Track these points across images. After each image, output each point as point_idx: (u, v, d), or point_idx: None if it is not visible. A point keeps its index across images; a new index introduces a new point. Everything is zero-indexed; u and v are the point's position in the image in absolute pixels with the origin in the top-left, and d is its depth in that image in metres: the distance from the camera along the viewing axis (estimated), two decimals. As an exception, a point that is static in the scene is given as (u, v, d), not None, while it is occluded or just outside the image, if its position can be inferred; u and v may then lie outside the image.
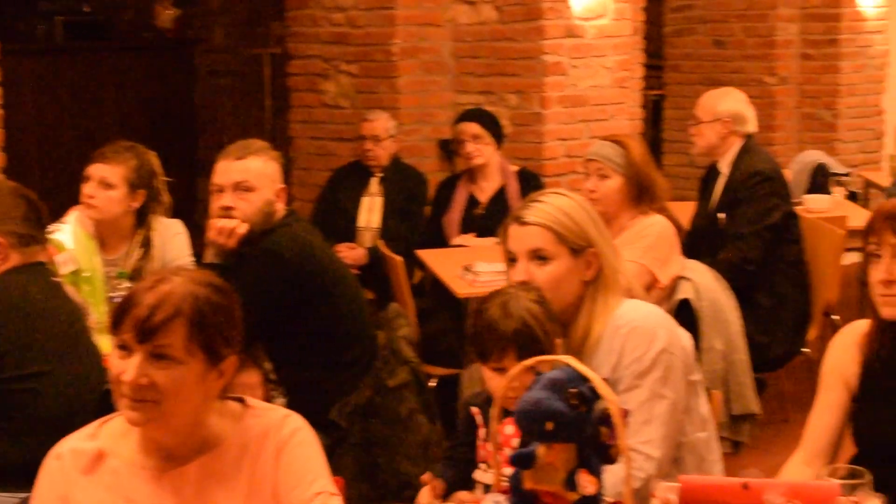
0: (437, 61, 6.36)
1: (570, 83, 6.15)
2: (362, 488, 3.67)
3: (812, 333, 5.17)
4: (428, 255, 5.19)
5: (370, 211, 5.85)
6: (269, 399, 3.17)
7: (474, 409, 2.63)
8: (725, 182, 5.11)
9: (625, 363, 2.69)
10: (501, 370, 2.46)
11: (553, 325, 2.58)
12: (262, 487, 2.09)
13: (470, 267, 4.64)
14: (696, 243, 5.09)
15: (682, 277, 4.21)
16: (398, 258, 4.94)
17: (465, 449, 2.65)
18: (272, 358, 3.54)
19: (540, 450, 2.00)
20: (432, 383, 4.40)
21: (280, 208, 3.72)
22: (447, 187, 5.71)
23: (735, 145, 5.12)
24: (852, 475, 2.15)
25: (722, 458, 2.94)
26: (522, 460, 2.01)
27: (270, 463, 2.11)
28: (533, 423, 1.98)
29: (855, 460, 2.70)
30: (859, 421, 2.79)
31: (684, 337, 2.87)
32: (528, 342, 2.48)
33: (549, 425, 1.96)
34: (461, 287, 4.62)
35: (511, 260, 2.84)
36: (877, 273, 2.64)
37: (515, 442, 2.10)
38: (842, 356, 2.83)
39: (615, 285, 2.81)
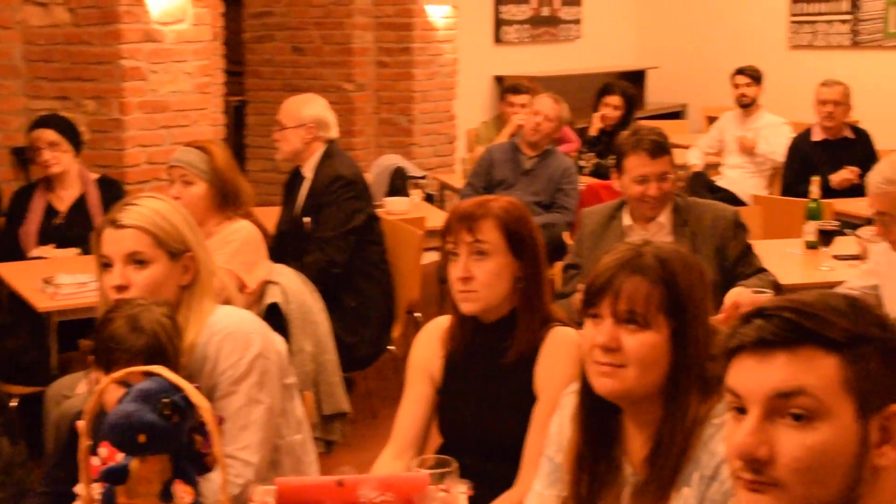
0: (8, 65, 6.03)
1: (150, 88, 6.01)
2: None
3: (396, 331, 5.34)
4: (4, 269, 4.91)
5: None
6: None
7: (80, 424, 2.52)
8: (309, 186, 5.16)
9: (220, 369, 2.67)
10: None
11: (179, 340, 2.53)
12: None
13: (50, 280, 4.45)
14: (283, 247, 5.12)
15: (269, 282, 4.23)
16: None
17: (67, 469, 2.52)
18: None
19: (133, 463, 1.94)
20: (14, 403, 4.17)
21: None
22: (22, 197, 5.41)
23: (318, 150, 5.17)
24: (440, 464, 2.24)
25: (317, 458, 2.98)
26: (114, 476, 1.95)
27: None
28: (125, 436, 1.92)
29: (442, 450, 2.82)
30: (444, 412, 2.92)
31: (278, 341, 2.89)
32: (156, 357, 2.41)
33: (142, 437, 1.91)
34: (41, 301, 4.41)
35: (105, 265, 2.74)
36: (455, 271, 2.77)
37: (120, 457, 2.01)
38: (425, 351, 2.95)
39: (210, 290, 2.79)
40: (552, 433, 2.36)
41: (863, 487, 1.53)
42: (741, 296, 3.43)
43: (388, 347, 5.30)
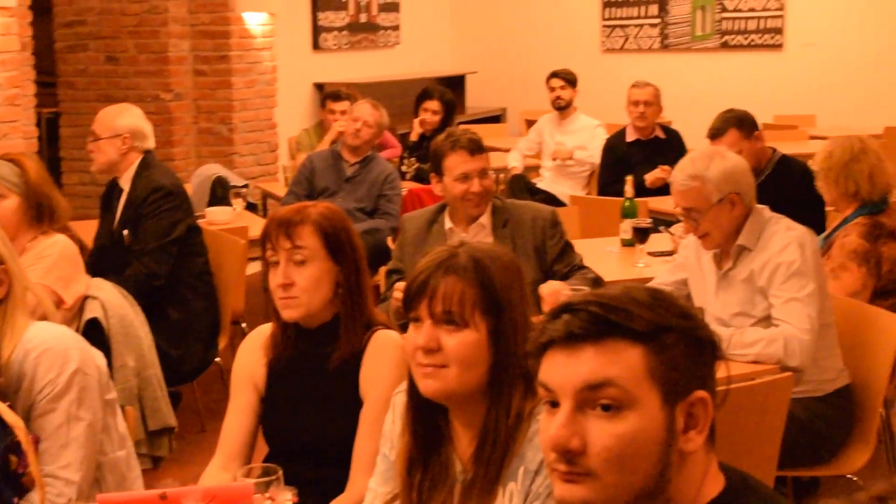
0: None
1: (-43, 101, 5.82)
2: None
3: (222, 343, 5.28)
4: None
5: None
6: None
7: None
8: (127, 198, 5.06)
9: (38, 387, 2.60)
10: None
11: None
12: None
13: None
14: (103, 261, 5.02)
15: (88, 296, 4.14)
16: None
17: None
18: None
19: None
20: None
21: None
22: None
23: (134, 161, 5.06)
24: (266, 473, 2.24)
25: (141, 474, 2.93)
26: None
27: None
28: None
29: (269, 459, 2.82)
30: (269, 421, 2.91)
31: (98, 356, 2.83)
32: None
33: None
34: None
35: None
36: (275, 278, 2.77)
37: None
38: (248, 360, 2.94)
39: (24, 306, 2.72)
40: (386, 431, 2.39)
41: (672, 472, 1.59)
42: (558, 294, 3.52)
43: (215, 360, 5.25)
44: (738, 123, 5.43)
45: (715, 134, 5.45)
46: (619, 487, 1.58)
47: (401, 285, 4.16)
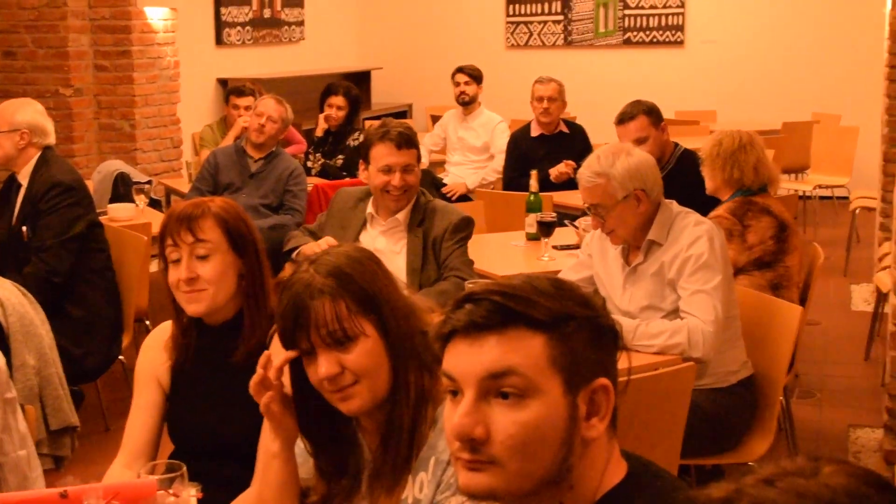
0: None
1: None
2: None
3: (126, 340, 5.21)
4: None
5: None
6: None
7: None
8: (25, 194, 4.97)
9: None
10: None
11: None
12: None
13: None
14: (1, 258, 4.92)
15: (-13, 295, 4.06)
16: None
17: None
18: None
19: None
20: None
21: None
22: None
23: (33, 156, 4.99)
24: (169, 469, 2.22)
25: (43, 474, 2.89)
26: None
27: None
28: None
29: (174, 456, 2.79)
30: (173, 418, 2.88)
31: (-4, 357, 2.79)
32: None
33: None
34: None
35: None
36: (177, 273, 2.74)
37: None
38: (152, 357, 2.90)
39: None
40: None
41: (574, 459, 1.61)
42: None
43: (118, 357, 5.17)
44: (647, 111, 5.54)
45: (624, 118, 5.54)
46: (523, 475, 1.59)
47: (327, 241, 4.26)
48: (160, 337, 2.91)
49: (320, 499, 2.25)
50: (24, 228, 4.91)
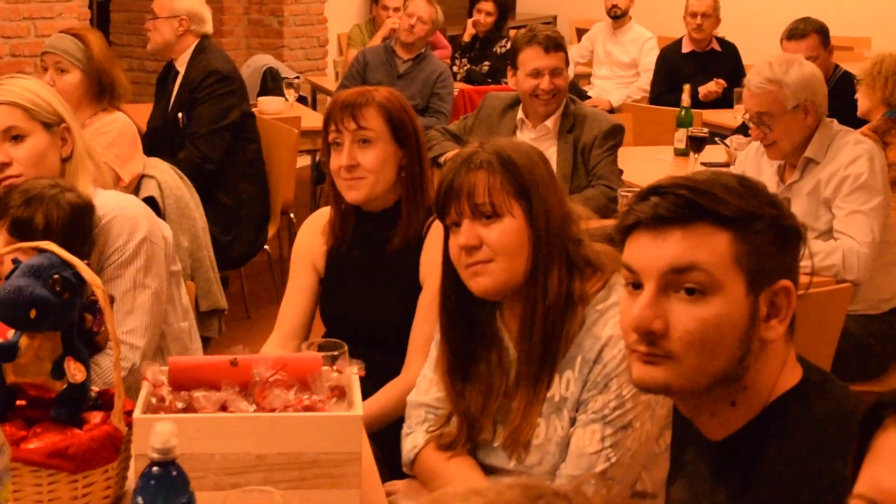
0: None
1: (13, -22, 5.79)
2: None
3: (271, 231, 5.30)
4: None
5: None
6: None
7: None
8: (182, 81, 5.05)
9: (107, 253, 2.63)
10: None
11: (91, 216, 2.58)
12: None
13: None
14: (156, 143, 5.02)
15: (145, 175, 4.15)
16: None
17: None
18: None
19: (23, 340, 1.91)
20: None
21: None
22: None
23: (191, 44, 5.05)
24: (330, 347, 2.26)
25: (202, 346, 2.97)
26: (4, 352, 1.91)
27: None
28: (15, 311, 1.88)
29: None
30: (327, 302, 2.93)
31: (164, 227, 2.86)
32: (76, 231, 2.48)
33: (33, 312, 1.87)
34: None
35: None
36: (339, 159, 2.76)
37: (10, 333, 1.97)
38: (309, 242, 2.95)
39: (87, 170, 2.76)
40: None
41: (751, 359, 1.60)
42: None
43: (264, 247, 5.27)
44: (819, 30, 5.40)
45: (795, 35, 5.39)
46: (699, 371, 1.58)
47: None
48: (318, 221, 2.95)
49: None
50: (179, 115, 5.00)
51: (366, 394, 2.23)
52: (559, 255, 2.15)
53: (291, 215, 5.58)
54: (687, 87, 5.57)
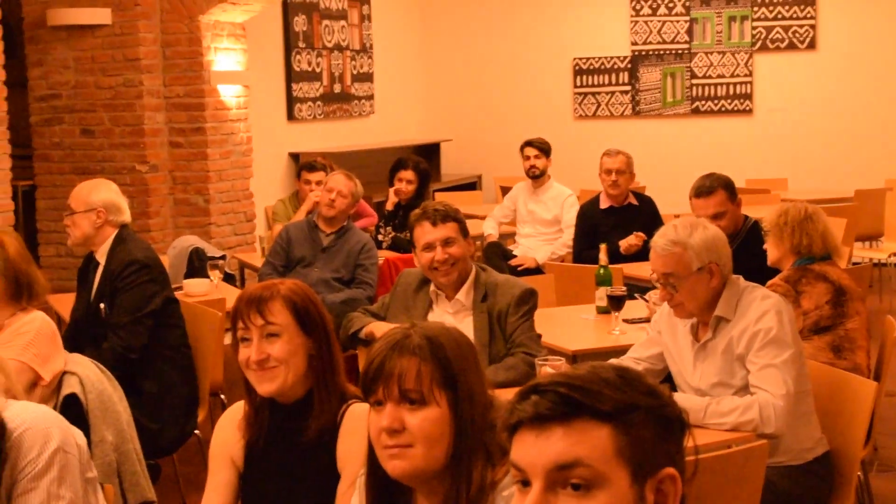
0: None
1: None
2: None
3: (201, 415, 5.27)
4: None
5: None
6: None
7: None
8: (102, 272, 5.08)
9: (20, 466, 2.61)
10: None
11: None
12: None
13: None
14: (79, 334, 5.03)
15: (66, 372, 4.14)
16: None
17: None
18: None
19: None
20: None
21: None
22: None
23: (110, 235, 5.10)
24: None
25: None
26: None
27: None
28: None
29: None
30: (247, 497, 2.92)
31: (78, 435, 2.84)
32: None
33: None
34: None
35: None
36: (248, 354, 2.80)
37: None
38: (226, 437, 2.95)
39: None
40: None
41: None
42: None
43: (194, 431, 5.23)
44: (725, 185, 5.54)
45: (702, 192, 5.51)
46: None
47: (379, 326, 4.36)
48: (233, 416, 2.96)
49: None
50: (101, 306, 5.01)
51: None
52: (480, 445, 2.18)
53: (222, 396, 5.56)
54: (603, 246, 5.68)
